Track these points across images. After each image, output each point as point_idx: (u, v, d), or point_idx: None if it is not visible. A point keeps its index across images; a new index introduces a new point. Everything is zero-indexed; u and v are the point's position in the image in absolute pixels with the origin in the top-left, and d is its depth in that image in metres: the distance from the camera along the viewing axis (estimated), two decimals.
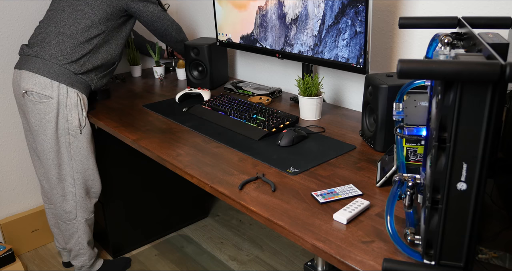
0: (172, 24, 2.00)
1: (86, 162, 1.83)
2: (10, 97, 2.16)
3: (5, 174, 2.24)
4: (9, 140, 2.21)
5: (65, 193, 1.84)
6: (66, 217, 1.88)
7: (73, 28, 1.73)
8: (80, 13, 1.75)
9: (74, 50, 1.73)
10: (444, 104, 0.69)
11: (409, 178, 0.87)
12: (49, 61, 1.71)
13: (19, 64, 1.77)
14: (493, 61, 0.60)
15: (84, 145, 1.81)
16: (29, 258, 2.31)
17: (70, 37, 1.73)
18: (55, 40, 1.72)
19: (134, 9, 1.85)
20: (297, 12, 1.68)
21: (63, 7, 1.77)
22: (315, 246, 0.94)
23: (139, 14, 1.88)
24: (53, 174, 1.80)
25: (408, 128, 1.04)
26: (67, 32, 1.73)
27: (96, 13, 1.75)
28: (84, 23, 1.74)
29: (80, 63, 1.75)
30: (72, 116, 1.75)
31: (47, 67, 1.70)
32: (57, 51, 1.72)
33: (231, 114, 1.68)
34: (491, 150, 0.67)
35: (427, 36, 1.53)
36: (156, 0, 1.92)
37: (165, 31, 2.00)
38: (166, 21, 1.97)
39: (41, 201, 2.39)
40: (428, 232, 0.77)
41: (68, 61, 1.72)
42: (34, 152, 1.95)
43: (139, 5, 1.85)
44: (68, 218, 1.89)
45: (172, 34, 2.02)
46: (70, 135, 1.77)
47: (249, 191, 1.16)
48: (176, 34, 2.04)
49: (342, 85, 1.85)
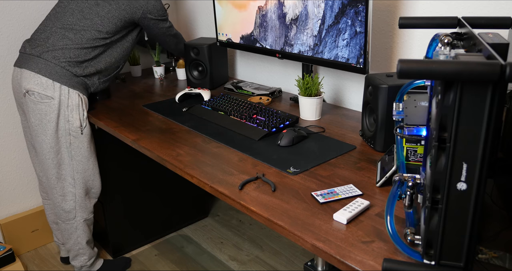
0: (176, 38, 2.04)
1: (86, 162, 1.83)
2: (10, 98, 2.16)
3: (5, 174, 2.24)
4: (9, 140, 2.21)
5: (64, 192, 1.84)
6: (65, 216, 1.88)
7: (78, 36, 1.73)
8: (89, 22, 1.74)
9: (77, 55, 1.73)
10: (444, 104, 0.69)
11: (409, 178, 0.87)
12: (51, 62, 1.70)
13: (20, 63, 1.76)
14: (493, 61, 0.60)
15: (85, 145, 1.81)
16: (29, 258, 2.31)
17: (74, 43, 1.72)
18: (59, 43, 1.72)
19: (145, 25, 1.86)
20: (297, 12, 1.68)
21: (72, 10, 1.76)
22: (315, 246, 0.94)
23: (149, 29, 1.90)
24: (52, 173, 1.80)
25: (408, 128, 1.04)
26: (72, 37, 1.73)
27: (105, 26, 1.75)
28: (91, 33, 1.74)
29: (82, 67, 1.75)
30: (73, 117, 1.75)
31: (49, 68, 1.70)
32: (60, 54, 1.71)
33: (231, 114, 1.68)
34: (491, 150, 0.67)
35: (427, 36, 1.53)
36: (167, 15, 1.93)
37: (166, 43, 2.06)
38: (170, 37, 2.02)
39: (41, 201, 2.38)
40: (428, 232, 0.77)
41: (71, 64, 1.72)
42: (33, 148, 1.95)
43: (151, 22, 1.85)
44: (67, 218, 1.89)
45: (171, 46, 2.09)
46: (71, 135, 1.77)
47: (249, 191, 1.16)
48: (175, 46, 2.10)
49: (342, 85, 1.85)
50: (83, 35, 1.73)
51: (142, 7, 1.79)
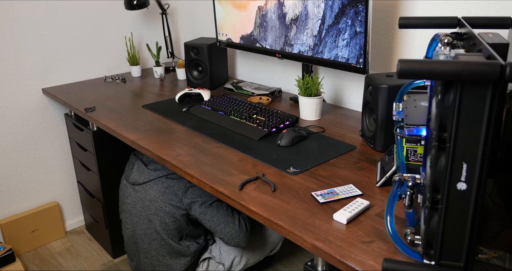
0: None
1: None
2: (10, 98, 2.16)
3: (5, 174, 2.24)
4: (9, 140, 2.21)
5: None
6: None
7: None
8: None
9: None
10: (444, 104, 0.69)
11: (409, 178, 0.87)
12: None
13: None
14: (493, 61, 0.60)
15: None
16: (29, 258, 2.31)
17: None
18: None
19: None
20: (297, 12, 1.68)
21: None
22: (315, 246, 0.94)
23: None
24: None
25: (408, 128, 1.04)
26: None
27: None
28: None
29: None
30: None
31: None
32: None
33: (231, 114, 1.67)
34: (491, 150, 0.67)
35: (427, 36, 1.53)
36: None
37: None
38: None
39: (41, 201, 2.39)
40: (428, 232, 0.77)
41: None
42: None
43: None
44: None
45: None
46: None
47: (249, 191, 1.16)
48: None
49: (342, 85, 1.85)
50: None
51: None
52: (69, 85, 2.27)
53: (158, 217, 1.66)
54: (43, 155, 2.34)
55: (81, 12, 2.29)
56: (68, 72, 2.33)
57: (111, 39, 2.43)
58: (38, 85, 2.24)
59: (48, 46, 2.22)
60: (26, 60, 2.17)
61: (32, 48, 2.17)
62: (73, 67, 2.34)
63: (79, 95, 2.09)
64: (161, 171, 1.68)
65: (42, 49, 2.21)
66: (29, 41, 2.15)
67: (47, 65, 2.24)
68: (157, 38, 2.62)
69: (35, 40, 2.17)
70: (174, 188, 1.65)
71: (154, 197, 1.66)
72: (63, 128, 2.37)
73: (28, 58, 2.17)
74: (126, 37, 2.48)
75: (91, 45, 2.37)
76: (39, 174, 2.35)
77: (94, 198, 2.21)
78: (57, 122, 2.34)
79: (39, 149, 2.32)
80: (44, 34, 2.20)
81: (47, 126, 2.32)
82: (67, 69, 2.32)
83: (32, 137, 2.28)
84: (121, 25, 2.45)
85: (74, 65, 2.34)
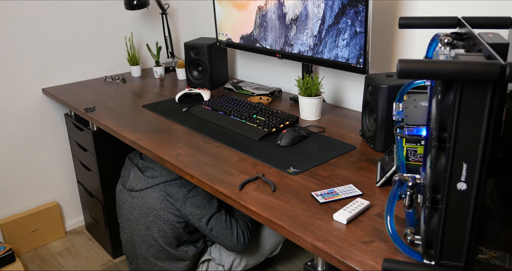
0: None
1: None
2: (10, 98, 2.16)
3: (5, 174, 2.24)
4: (9, 140, 2.21)
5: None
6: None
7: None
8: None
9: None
10: (444, 104, 0.69)
11: (409, 178, 0.87)
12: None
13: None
14: (493, 61, 0.60)
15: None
16: (29, 258, 2.31)
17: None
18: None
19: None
20: (297, 12, 1.68)
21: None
22: (315, 246, 0.94)
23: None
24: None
25: (408, 128, 1.04)
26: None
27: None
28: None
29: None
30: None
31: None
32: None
33: (231, 114, 1.67)
34: (491, 150, 0.67)
35: (427, 36, 1.53)
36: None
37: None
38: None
39: (41, 201, 2.39)
40: (428, 232, 0.77)
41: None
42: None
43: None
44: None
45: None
46: None
47: (249, 191, 1.16)
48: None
49: (342, 85, 1.85)
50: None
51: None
52: (69, 85, 2.27)
53: (156, 225, 1.66)
54: (43, 155, 2.34)
55: (81, 12, 2.29)
56: (68, 72, 2.33)
57: (111, 39, 2.43)
58: (38, 85, 2.24)
59: (48, 46, 2.22)
60: (26, 60, 2.17)
61: (32, 48, 2.17)
62: (73, 67, 2.34)
63: (79, 95, 2.09)
64: (158, 178, 1.67)
65: (42, 49, 2.21)
66: (29, 41, 2.16)
67: (47, 65, 2.24)
68: (157, 38, 2.62)
69: (35, 40, 2.17)
70: (173, 197, 1.64)
71: (153, 205, 1.65)
72: (63, 128, 2.37)
73: (28, 58, 2.17)
74: (126, 37, 2.48)
75: (91, 45, 2.37)
76: (39, 174, 2.35)
77: (94, 198, 2.21)
78: (57, 122, 2.34)
79: (39, 149, 2.32)
80: (44, 34, 2.20)
81: (47, 126, 2.32)
82: (67, 69, 2.32)
83: (32, 137, 2.28)
84: (121, 25, 2.45)
85: (74, 65, 2.34)
